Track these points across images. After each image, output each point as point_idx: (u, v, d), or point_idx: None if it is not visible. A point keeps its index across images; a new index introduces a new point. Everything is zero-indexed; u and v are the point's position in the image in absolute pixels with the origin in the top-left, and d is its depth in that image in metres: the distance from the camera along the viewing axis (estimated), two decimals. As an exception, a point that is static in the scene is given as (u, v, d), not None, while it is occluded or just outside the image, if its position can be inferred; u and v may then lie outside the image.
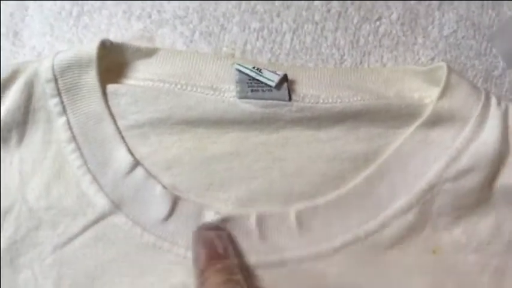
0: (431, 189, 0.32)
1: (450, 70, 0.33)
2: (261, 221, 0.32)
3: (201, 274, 0.28)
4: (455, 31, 0.38)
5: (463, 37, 0.38)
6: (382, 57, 0.37)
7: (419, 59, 0.37)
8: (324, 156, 0.33)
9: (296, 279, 0.31)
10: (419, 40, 0.38)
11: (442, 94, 0.33)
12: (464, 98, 0.33)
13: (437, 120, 0.33)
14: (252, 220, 0.32)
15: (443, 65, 0.34)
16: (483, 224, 0.32)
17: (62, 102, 0.33)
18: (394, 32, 0.38)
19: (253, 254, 0.32)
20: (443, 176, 0.32)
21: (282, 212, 0.32)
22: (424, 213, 0.32)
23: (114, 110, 0.33)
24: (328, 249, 0.32)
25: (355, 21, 0.38)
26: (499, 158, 0.32)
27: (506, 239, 0.32)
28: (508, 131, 0.33)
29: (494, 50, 0.38)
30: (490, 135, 0.32)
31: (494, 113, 0.33)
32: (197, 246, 0.30)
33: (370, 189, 0.33)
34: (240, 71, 0.34)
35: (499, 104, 0.33)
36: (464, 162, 0.32)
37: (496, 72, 0.38)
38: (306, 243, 0.32)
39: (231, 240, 0.31)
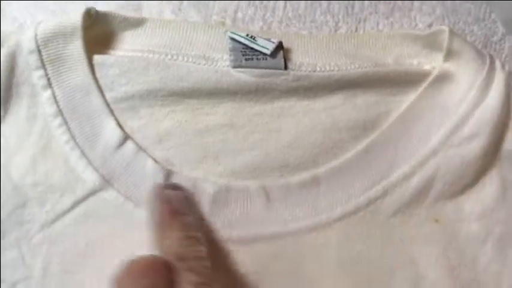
0: (435, 155, 0.31)
1: (453, 34, 0.33)
2: (264, 192, 0.31)
3: (159, 229, 0.27)
4: (453, -5, 0.37)
5: (461, 2, 0.37)
6: (377, 23, 0.37)
7: (416, 25, 0.37)
8: (321, 125, 0.33)
9: (296, 251, 0.31)
10: (416, 5, 0.37)
11: (446, 58, 0.33)
12: (469, 62, 0.33)
13: (442, 85, 0.33)
14: (255, 191, 0.31)
15: (445, 29, 0.33)
16: (487, 191, 0.32)
17: (47, 75, 0.32)
18: (390, -3, 0.37)
19: (254, 226, 0.31)
20: (447, 142, 0.32)
21: (282, 183, 0.32)
22: (427, 180, 0.31)
23: (101, 81, 0.32)
24: (328, 220, 0.31)
25: (349, -14, 0.37)
26: (503, 122, 0.32)
27: (511, 205, 0.31)
28: None
29: (493, 15, 0.37)
30: (494, 99, 0.32)
31: (499, 77, 0.32)
32: (155, 203, 0.29)
33: (371, 156, 0.32)
34: (233, 39, 0.33)
35: (503, 67, 0.33)
36: (469, 128, 0.32)
37: (495, 38, 0.37)
38: (306, 214, 0.31)
39: (190, 200, 0.30)
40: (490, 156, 0.32)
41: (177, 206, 0.28)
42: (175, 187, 0.30)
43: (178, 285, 0.24)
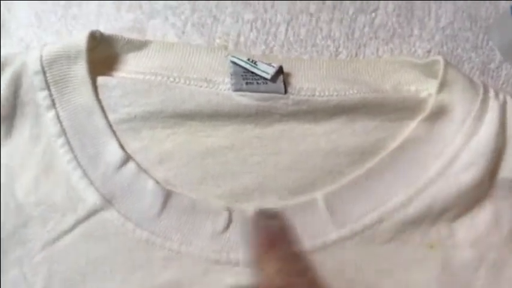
0: (432, 184, 0.32)
1: (447, 64, 0.33)
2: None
3: (257, 262, 0.28)
4: (451, 23, 0.38)
5: (459, 29, 0.38)
6: (377, 49, 0.37)
7: (415, 51, 0.37)
8: (320, 150, 0.33)
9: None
10: (416, 32, 0.38)
11: (440, 89, 0.33)
12: (462, 93, 0.33)
13: (438, 116, 0.33)
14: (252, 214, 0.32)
15: (440, 59, 0.33)
16: (481, 218, 0.32)
17: (51, 95, 0.32)
18: (390, 23, 0.37)
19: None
20: (444, 172, 0.32)
21: (281, 205, 0.32)
22: (423, 208, 0.31)
23: (104, 103, 0.33)
24: (323, 244, 0.31)
25: (350, 12, 0.37)
26: (498, 151, 0.32)
27: (504, 231, 0.32)
28: (507, 122, 0.33)
29: (490, 43, 0.38)
30: (489, 129, 0.32)
31: (493, 106, 0.33)
32: (253, 234, 0.30)
33: (370, 182, 0.32)
34: (234, 63, 0.33)
35: (497, 95, 0.33)
36: (465, 158, 0.32)
37: (492, 65, 0.38)
38: (302, 238, 0.31)
39: (288, 229, 0.31)
40: (485, 184, 0.32)
41: (274, 238, 0.29)
42: (272, 216, 0.31)
43: None
